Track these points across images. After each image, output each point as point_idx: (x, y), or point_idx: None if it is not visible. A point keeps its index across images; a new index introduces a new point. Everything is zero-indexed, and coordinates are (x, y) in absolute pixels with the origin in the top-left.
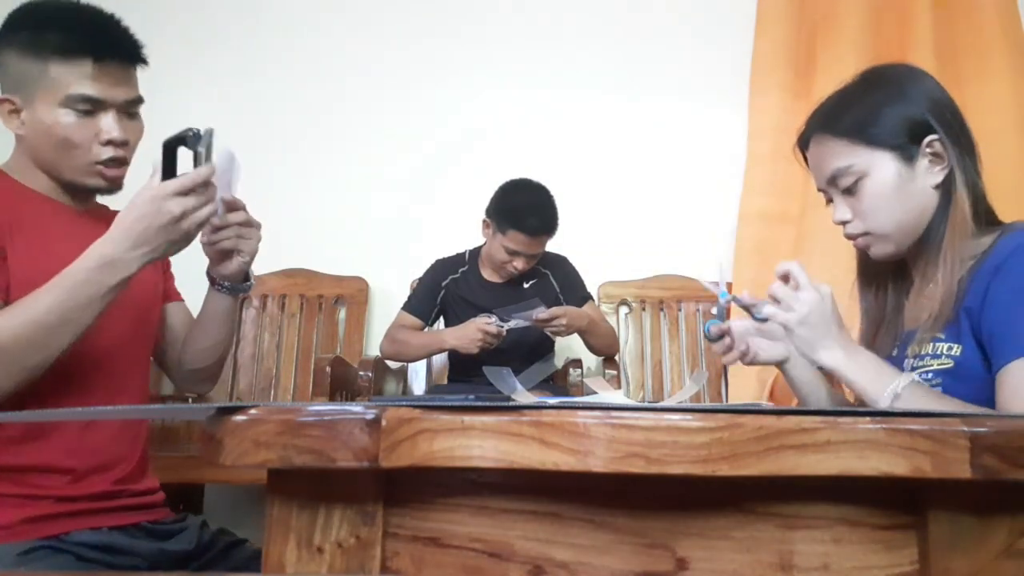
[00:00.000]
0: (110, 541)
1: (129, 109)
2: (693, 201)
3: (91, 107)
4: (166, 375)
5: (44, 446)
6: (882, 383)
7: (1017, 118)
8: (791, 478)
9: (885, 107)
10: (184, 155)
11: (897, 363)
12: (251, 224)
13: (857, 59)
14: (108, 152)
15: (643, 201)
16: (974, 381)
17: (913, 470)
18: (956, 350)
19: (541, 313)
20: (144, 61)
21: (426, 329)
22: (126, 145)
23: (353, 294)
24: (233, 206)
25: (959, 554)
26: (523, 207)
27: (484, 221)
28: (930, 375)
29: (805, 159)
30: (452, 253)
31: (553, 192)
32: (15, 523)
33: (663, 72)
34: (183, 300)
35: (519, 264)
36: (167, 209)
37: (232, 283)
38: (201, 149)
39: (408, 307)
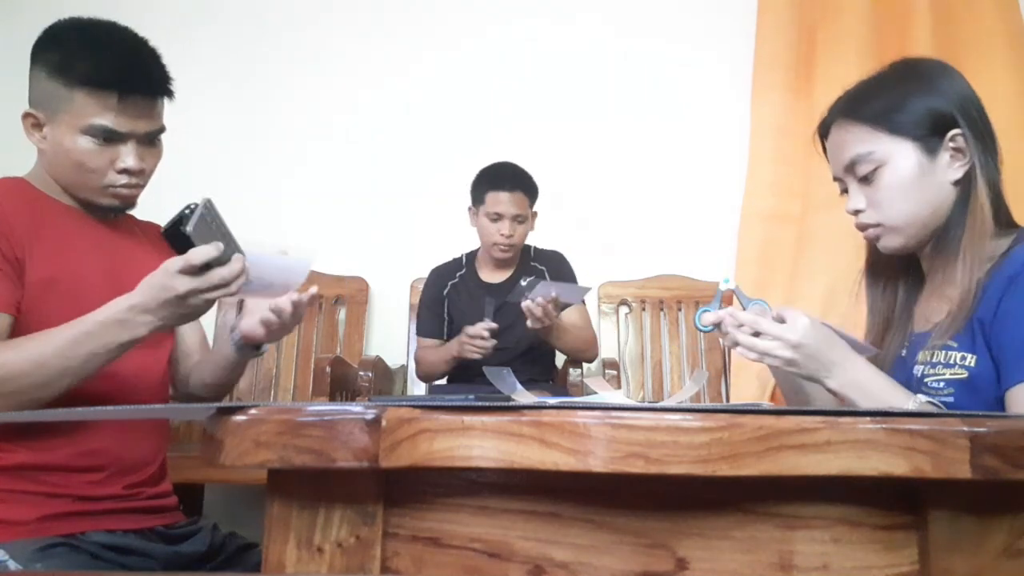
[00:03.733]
0: (125, 543)
1: (150, 138)
2: (694, 201)
3: (111, 137)
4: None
5: (67, 447)
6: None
7: (1018, 114)
8: (791, 478)
9: (912, 97)
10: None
11: (906, 365)
12: (287, 329)
13: (858, 59)
14: (122, 179)
15: (643, 201)
16: (988, 393)
17: (913, 470)
18: (970, 360)
19: (574, 297)
20: (170, 94)
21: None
22: (141, 173)
23: (353, 294)
24: (281, 311)
25: (959, 554)
26: (494, 170)
27: (469, 209)
28: (942, 384)
29: (824, 149)
30: (448, 259)
31: (554, 192)
32: (32, 520)
33: (664, 72)
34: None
35: (505, 229)
36: (171, 286)
37: (242, 343)
38: (189, 229)
39: (420, 331)
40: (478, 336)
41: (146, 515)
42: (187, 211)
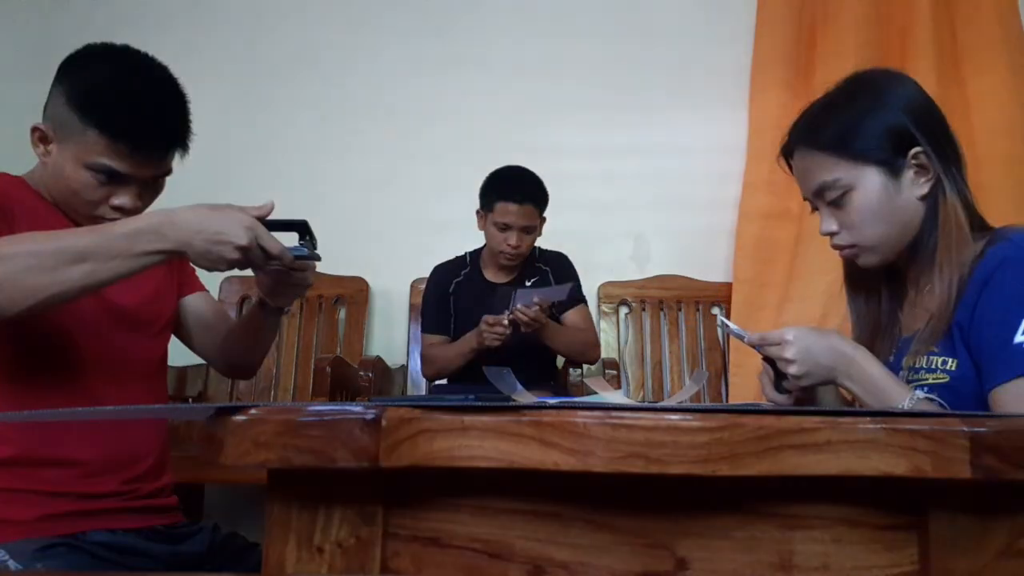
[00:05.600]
0: (125, 543)
1: (154, 179)
2: (694, 200)
3: (114, 177)
4: (208, 363)
5: (57, 438)
6: (892, 401)
7: (1015, 114)
8: (791, 478)
9: (867, 117)
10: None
11: (894, 370)
12: (298, 287)
13: (858, 57)
14: (115, 215)
15: (644, 201)
16: (968, 395)
17: (913, 470)
18: (951, 364)
19: (557, 296)
20: (186, 147)
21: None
22: (135, 211)
23: (353, 294)
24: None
25: (959, 554)
26: (505, 179)
27: (477, 212)
28: (925, 389)
29: (790, 167)
30: (451, 257)
31: (554, 192)
32: (32, 520)
33: (664, 70)
34: (206, 290)
35: (513, 240)
36: (239, 234)
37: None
38: (303, 249)
39: (427, 328)
40: (498, 324)
41: (146, 514)
42: (310, 234)
